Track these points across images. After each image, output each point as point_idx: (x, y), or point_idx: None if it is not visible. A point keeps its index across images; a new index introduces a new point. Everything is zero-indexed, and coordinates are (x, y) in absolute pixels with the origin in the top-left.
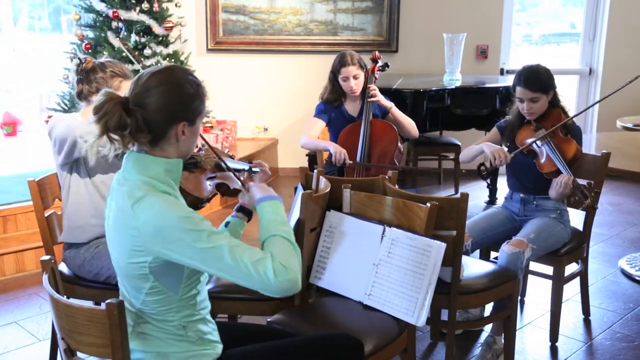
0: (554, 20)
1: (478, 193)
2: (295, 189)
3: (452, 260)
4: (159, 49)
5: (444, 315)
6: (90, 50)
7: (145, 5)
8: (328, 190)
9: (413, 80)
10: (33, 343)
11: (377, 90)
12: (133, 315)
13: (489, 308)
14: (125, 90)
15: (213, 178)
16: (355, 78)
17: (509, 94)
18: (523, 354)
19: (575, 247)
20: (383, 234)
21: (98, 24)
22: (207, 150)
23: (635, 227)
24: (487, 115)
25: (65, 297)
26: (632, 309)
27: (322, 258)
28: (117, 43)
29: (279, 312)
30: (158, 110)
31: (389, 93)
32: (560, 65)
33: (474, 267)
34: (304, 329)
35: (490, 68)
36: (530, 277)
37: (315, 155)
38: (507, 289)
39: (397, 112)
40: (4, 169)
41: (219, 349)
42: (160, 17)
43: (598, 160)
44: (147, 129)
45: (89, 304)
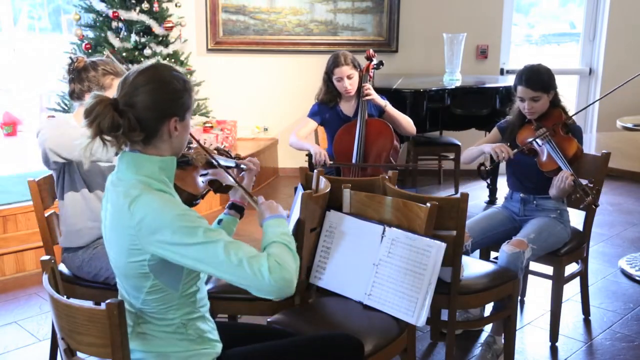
0: (554, 20)
1: (478, 193)
2: (295, 189)
3: (452, 260)
4: (159, 49)
5: (444, 315)
6: (90, 50)
7: (145, 5)
8: (328, 190)
9: (413, 80)
10: (33, 343)
11: (371, 89)
12: (133, 316)
13: (489, 308)
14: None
15: (205, 175)
16: (349, 78)
17: (509, 94)
18: (523, 354)
19: (575, 247)
20: (383, 234)
21: (98, 24)
22: (196, 149)
23: (635, 227)
24: (487, 115)
25: (65, 297)
26: (632, 309)
27: (322, 258)
28: (117, 43)
29: (279, 312)
30: (148, 108)
31: (389, 93)
32: (560, 65)
33: (474, 267)
34: (304, 329)
35: (490, 68)
36: (530, 277)
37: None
38: (507, 289)
39: (392, 110)
40: (4, 169)
41: (219, 348)
42: (160, 17)
43: (598, 160)
44: (139, 128)
45: (89, 304)
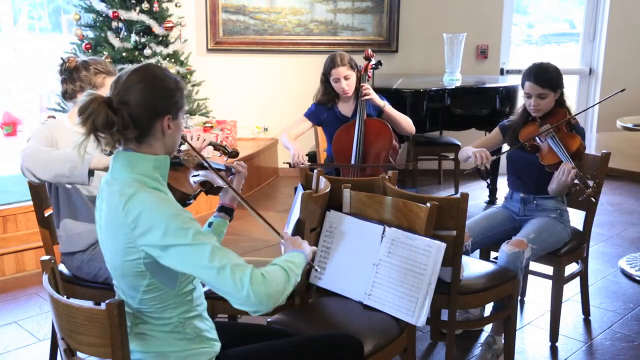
0: (554, 20)
1: (478, 193)
2: (295, 189)
3: (452, 260)
4: (159, 49)
5: (444, 315)
6: (90, 50)
7: (145, 5)
8: (328, 190)
9: (413, 80)
10: (33, 343)
11: (370, 89)
12: (130, 316)
13: (489, 308)
14: (109, 87)
15: (197, 176)
16: (347, 79)
17: (509, 94)
18: (523, 354)
19: (575, 247)
20: (383, 234)
21: (98, 24)
22: (186, 151)
23: (635, 227)
24: (487, 115)
25: (65, 297)
26: (632, 309)
27: (322, 258)
28: (117, 43)
29: (279, 312)
30: (141, 106)
31: (389, 93)
32: (561, 65)
33: (474, 267)
34: (304, 329)
35: (490, 68)
36: (530, 277)
37: (315, 155)
38: (507, 289)
39: (391, 109)
40: (4, 169)
41: (217, 347)
42: (160, 17)
43: (598, 160)
44: (132, 125)
45: (89, 304)
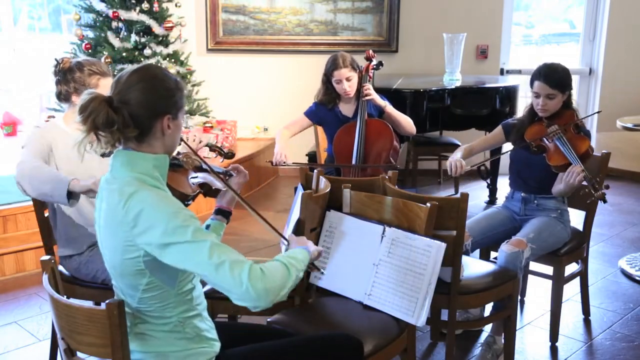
0: (554, 20)
1: (478, 193)
2: (295, 189)
3: (452, 260)
4: (159, 49)
5: (444, 315)
6: (90, 50)
7: (145, 5)
8: (328, 190)
9: (413, 80)
10: (33, 343)
11: (371, 90)
12: (130, 316)
13: (489, 308)
14: (104, 88)
15: (195, 178)
16: (348, 80)
17: (509, 94)
18: (523, 354)
19: (575, 247)
20: (383, 234)
21: (98, 24)
22: (185, 154)
23: (635, 227)
24: (487, 115)
25: (65, 297)
26: (632, 309)
27: (322, 258)
28: (117, 43)
29: (279, 312)
30: (141, 105)
31: (389, 93)
32: None
33: (474, 267)
34: (304, 329)
35: (490, 68)
36: (530, 277)
37: (315, 155)
38: (507, 289)
39: (392, 110)
40: (4, 169)
41: (217, 347)
42: (160, 17)
43: (598, 160)
44: (133, 124)
45: (89, 304)
